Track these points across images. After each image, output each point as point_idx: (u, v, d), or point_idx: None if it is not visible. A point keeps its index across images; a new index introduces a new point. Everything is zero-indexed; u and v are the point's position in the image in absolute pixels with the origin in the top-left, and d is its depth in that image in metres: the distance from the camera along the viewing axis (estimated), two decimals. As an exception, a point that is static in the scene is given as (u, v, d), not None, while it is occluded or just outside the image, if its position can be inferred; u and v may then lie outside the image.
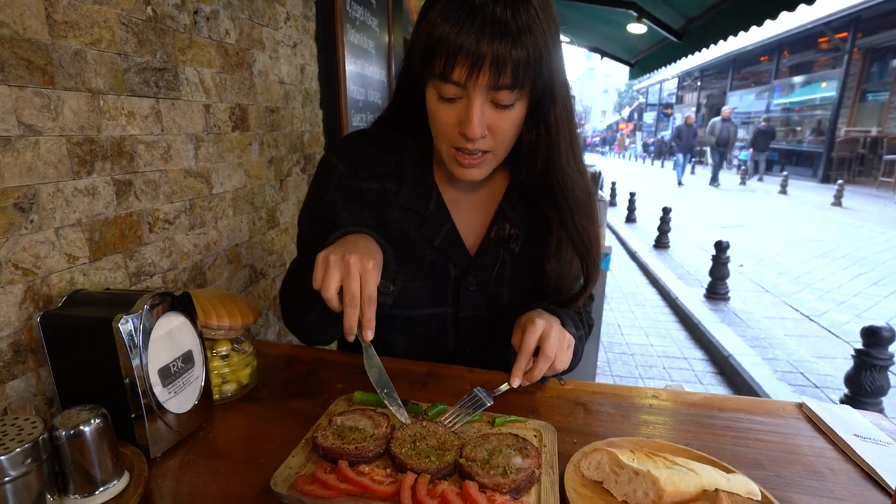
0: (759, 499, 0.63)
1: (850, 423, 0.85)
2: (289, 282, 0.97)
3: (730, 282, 4.75)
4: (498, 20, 0.71)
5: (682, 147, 14.12)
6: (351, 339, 0.73)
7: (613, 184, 11.08)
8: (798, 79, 15.85)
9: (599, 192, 4.02)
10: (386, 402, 0.77)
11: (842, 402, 2.61)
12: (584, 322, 1.04)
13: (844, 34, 13.14)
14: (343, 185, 0.94)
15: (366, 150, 0.96)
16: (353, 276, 0.71)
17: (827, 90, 14.19)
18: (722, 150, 13.72)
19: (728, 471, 0.68)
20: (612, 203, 10.40)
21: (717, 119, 13.78)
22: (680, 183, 14.10)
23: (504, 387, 0.86)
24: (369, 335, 0.75)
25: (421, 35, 0.77)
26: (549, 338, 0.83)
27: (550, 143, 0.86)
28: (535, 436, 0.75)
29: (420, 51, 0.77)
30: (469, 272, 0.96)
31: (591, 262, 0.94)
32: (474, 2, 0.72)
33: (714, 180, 13.91)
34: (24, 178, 0.79)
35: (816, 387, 3.16)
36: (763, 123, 14.43)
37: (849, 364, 2.59)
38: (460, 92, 0.77)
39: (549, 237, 0.95)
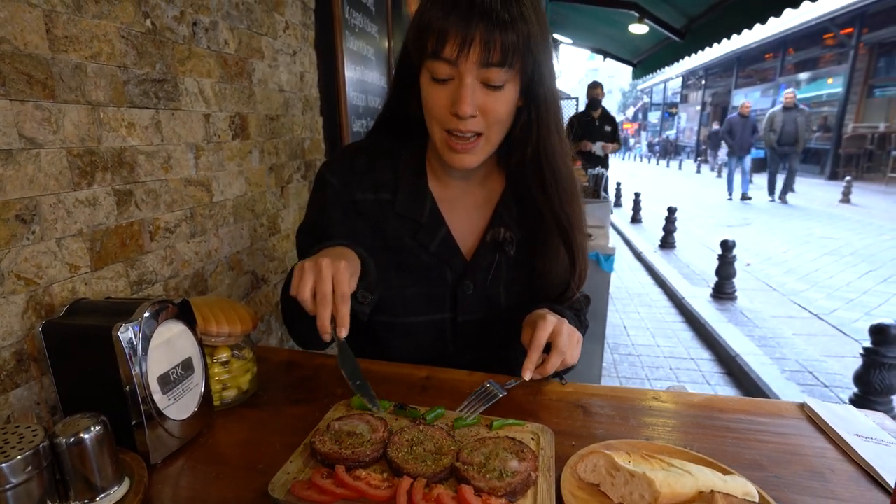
0: (757, 500, 0.63)
1: (851, 422, 0.85)
2: (286, 290, 0.98)
3: (737, 281, 4.73)
4: (486, 4, 0.75)
5: (736, 148, 10.12)
6: (326, 338, 0.75)
7: (619, 184, 11.04)
8: (804, 75, 15.75)
9: (603, 193, 4.02)
10: (358, 393, 0.78)
11: (851, 401, 2.58)
12: (582, 322, 1.05)
13: (850, 30, 13.05)
14: (338, 197, 0.95)
15: (359, 162, 0.98)
16: (325, 277, 0.73)
17: (833, 86, 14.09)
18: (787, 150, 9.58)
19: (725, 472, 0.67)
20: (618, 203, 10.37)
21: (776, 109, 9.74)
22: (744, 196, 10.39)
23: (515, 380, 0.87)
24: (343, 332, 0.75)
25: (414, 22, 0.82)
26: (561, 333, 0.85)
27: (540, 125, 0.88)
28: (533, 439, 0.75)
29: (413, 36, 0.82)
30: (465, 276, 0.97)
31: (575, 247, 0.95)
32: None
33: (783, 192, 10.09)
34: (26, 190, 0.80)
35: (826, 386, 3.13)
36: (716, 126, 12.52)
37: (858, 363, 2.57)
38: (452, 72, 0.79)
39: (543, 234, 0.96)
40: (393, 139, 0.99)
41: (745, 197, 10.46)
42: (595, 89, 6.18)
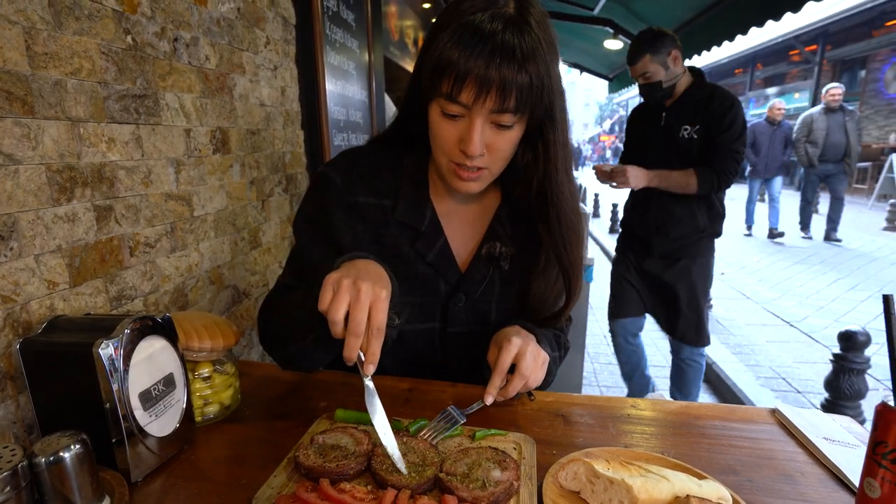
0: (730, 503, 0.65)
1: (820, 427, 0.88)
2: (275, 299, 0.96)
3: (712, 290, 4.82)
4: (507, 46, 0.74)
5: (762, 166, 7.02)
6: (350, 364, 0.71)
7: (596, 195, 11.22)
8: (772, 90, 16.29)
9: (582, 204, 4.09)
10: (385, 448, 0.71)
11: (822, 406, 2.65)
12: (562, 344, 1.06)
13: (814, 47, 13.59)
14: (340, 198, 0.95)
15: (363, 166, 0.98)
16: (363, 303, 0.68)
17: (800, 101, 14.59)
18: (831, 170, 6.67)
19: (700, 477, 0.70)
20: (596, 214, 10.52)
21: (814, 111, 6.57)
22: (773, 232, 7.59)
23: (477, 404, 0.87)
24: (370, 369, 0.70)
25: (429, 57, 0.80)
26: (524, 356, 0.86)
27: (548, 163, 0.89)
28: (515, 448, 0.77)
29: (429, 71, 0.80)
30: (459, 288, 0.98)
31: (573, 280, 0.97)
32: (485, 29, 0.74)
33: (830, 229, 7.36)
34: (4, 206, 0.79)
35: (798, 392, 3.21)
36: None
37: (829, 368, 2.64)
38: (464, 111, 0.80)
39: (537, 256, 0.98)
40: (395, 148, 1.00)
41: (774, 234, 7.58)
42: (638, 59, 2.38)
